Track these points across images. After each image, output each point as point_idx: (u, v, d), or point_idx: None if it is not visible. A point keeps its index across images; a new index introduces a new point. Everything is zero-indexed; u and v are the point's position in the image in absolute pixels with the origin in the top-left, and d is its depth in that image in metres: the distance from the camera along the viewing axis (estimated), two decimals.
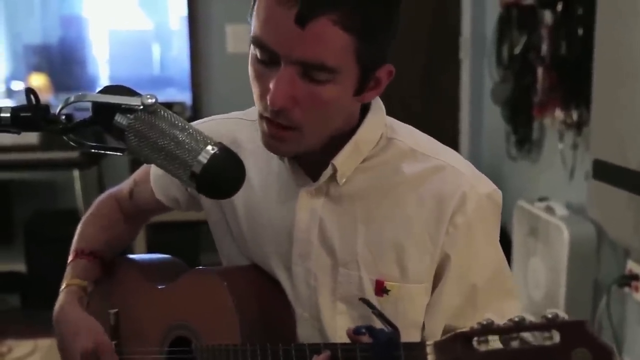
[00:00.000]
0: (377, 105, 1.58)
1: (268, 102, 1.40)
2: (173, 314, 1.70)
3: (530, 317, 1.14)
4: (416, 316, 1.58)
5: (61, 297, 1.76)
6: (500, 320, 1.17)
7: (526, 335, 1.14)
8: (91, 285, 1.83)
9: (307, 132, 1.45)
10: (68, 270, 1.82)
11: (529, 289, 4.21)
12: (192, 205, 1.83)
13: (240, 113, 1.74)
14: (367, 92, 1.49)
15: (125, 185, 1.94)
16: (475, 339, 1.17)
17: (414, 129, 1.64)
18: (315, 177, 1.58)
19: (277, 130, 1.44)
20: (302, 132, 1.44)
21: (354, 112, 1.54)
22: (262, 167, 1.64)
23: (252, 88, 1.46)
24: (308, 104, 1.41)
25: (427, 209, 1.54)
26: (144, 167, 1.87)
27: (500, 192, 1.59)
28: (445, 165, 1.55)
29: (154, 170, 1.83)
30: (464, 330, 1.21)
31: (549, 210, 4.11)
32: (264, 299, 1.64)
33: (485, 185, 1.57)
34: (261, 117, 1.46)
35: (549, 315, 1.12)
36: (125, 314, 1.79)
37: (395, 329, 1.31)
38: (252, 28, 1.42)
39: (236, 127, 1.70)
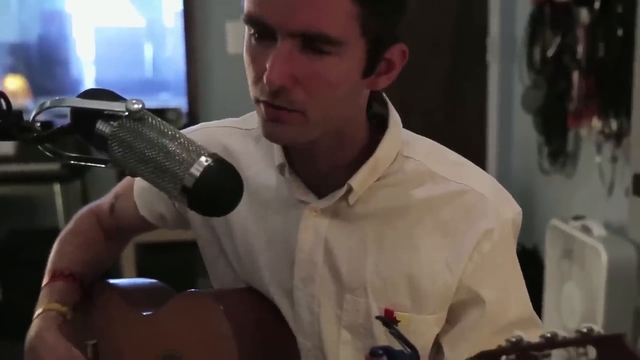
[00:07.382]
0: (394, 120, 1.57)
1: (265, 81, 1.37)
2: (161, 343, 1.69)
3: (562, 333, 1.14)
4: (423, 349, 1.57)
5: (37, 323, 1.73)
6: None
7: (559, 352, 1.15)
8: (70, 312, 1.78)
9: (311, 116, 1.41)
10: (44, 294, 1.79)
11: (563, 316, 4.21)
12: (179, 222, 1.83)
13: (234, 121, 1.74)
14: (379, 76, 1.47)
15: (106, 200, 1.93)
16: (504, 357, 1.17)
17: (431, 143, 1.64)
18: (319, 192, 1.58)
19: (278, 111, 1.41)
20: (305, 116, 1.41)
21: (362, 104, 1.53)
22: (258, 180, 1.64)
23: (247, 74, 1.43)
24: (310, 82, 1.38)
25: (446, 236, 1.54)
26: (127, 179, 1.86)
27: (521, 212, 1.60)
28: (467, 190, 1.55)
29: (137, 183, 1.82)
30: (491, 349, 1.21)
31: (586, 230, 4.10)
32: (265, 325, 1.64)
33: (510, 209, 1.58)
34: (258, 102, 1.43)
35: (584, 330, 1.12)
36: (105, 345, 1.77)
37: (414, 350, 1.31)
38: (245, 7, 1.40)
39: (229, 136, 1.70)
